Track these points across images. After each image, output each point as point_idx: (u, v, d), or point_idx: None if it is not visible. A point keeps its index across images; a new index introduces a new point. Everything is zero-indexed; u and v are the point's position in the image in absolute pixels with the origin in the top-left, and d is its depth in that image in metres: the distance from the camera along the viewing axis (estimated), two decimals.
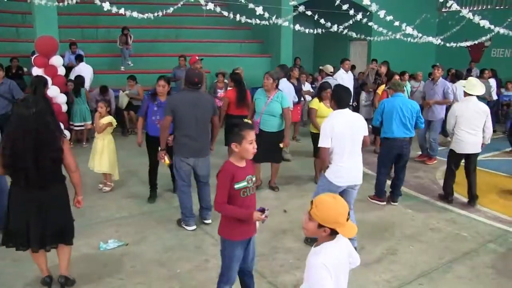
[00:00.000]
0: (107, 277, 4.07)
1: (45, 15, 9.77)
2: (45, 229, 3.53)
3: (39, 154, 3.37)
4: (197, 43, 13.60)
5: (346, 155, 4.33)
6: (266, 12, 8.44)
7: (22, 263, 4.14)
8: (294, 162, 8.03)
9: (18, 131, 3.36)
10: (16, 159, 3.35)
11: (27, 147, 3.33)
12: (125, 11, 7.36)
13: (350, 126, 4.33)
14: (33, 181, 3.40)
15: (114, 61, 12.51)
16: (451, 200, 6.12)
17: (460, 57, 14.30)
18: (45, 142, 3.40)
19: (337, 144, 4.30)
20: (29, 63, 9.66)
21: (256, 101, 6.19)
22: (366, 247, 4.73)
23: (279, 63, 12.27)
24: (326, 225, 2.22)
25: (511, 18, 10.96)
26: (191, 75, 5.05)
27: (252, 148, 3.12)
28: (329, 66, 8.68)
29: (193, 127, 4.86)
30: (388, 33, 10.36)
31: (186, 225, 5.13)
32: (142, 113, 5.87)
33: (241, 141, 3.09)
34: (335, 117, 4.39)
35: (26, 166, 3.35)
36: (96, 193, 6.17)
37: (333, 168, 4.38)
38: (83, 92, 8.89)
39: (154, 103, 5.74)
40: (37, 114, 3.37)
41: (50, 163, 3.45)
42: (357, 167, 4.45)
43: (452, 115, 5.97)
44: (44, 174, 3.43)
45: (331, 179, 4.39)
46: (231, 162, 3.18)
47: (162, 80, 5.78)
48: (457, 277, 4.19)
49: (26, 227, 3.50)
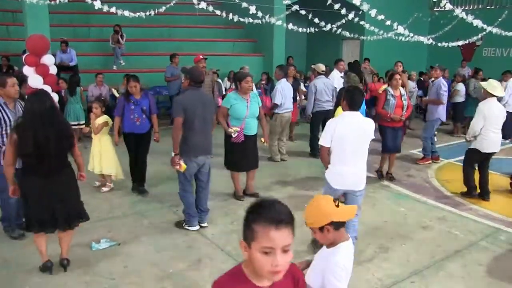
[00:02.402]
0: (99, 277, 4.05)
1: (36, 14, 9.69)
2: (68, 209, 3.92)
3: (60, 142, 3.73)
4: (189, 42, 13.56)
5: (347, 159, 4.14)
6: (259, 11, 8.44)
7: (9, 264, 4.12)
8: (289, 162, 8.03)
9: (37, 123, 3.62)
10: (40, 148, 3.61)
11: (50, 136, 3.64)
12: (117, 10, 7.33)
13: (355, 129, 4.12)
14: (54, 168, 3.74)
15: (107, 60, 12.45)
16: (475, 194, 6.28)
17: (452, 56, 14.39)
18: (63, 130, 3.80)
19: (337, 146, 4.13)
20: (20, 62, 9.58)
21: (235, 106, 5.70)
22: (358, 245, 4.72)
23: (272, 62, 12.28)
24: (323, 224, 2.22)
25: (502, 17, 11.07)
26: (198, 73, 5.01)
27: (272, 266, 1.56)
28: (321, 64, 8.70)
29: (202, 125, 4.89)
30: (380, 32, 10.41)
31: (190, 226, 5.07)
32: (119, 112, 6.04)
33: (250, 242, 1.61)
34: (342, 118, 4.22)
35: (50, 153, 3.66)
36: (89, 193, 6.11)
37: (333, 170, 4.24)
38: (78, 91, 8.85)
39: (130, 102, 5.96)
40: (52, 107, 3.74)
41: (66, 151, 3.88)
42: (358, 173, 4.22)
43: (481, 116, 6.03)
44: (61, 159, 3.83)
45: (329, 180, 4.27)
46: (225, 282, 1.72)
47: (132, 81, 6.00)
48: (449, 275, 4.22)
49: (52, 213, 3.80)
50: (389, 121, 6.80)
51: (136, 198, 6.05)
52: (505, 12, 12.05)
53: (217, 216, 5.50)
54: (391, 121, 6.79)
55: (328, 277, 2.22)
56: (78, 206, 4.06)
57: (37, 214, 3.78)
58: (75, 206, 4.01)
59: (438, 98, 7.93)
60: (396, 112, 6.77)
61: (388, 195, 6.38)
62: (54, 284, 3.90)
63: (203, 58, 8.42)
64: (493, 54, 14.88)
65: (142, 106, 5.98)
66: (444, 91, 7.97)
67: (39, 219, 3.78)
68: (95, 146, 6.21)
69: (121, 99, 6.14)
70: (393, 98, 6.74)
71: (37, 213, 3.78)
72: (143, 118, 6.00)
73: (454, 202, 6.17)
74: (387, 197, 6.29)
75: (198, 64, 8.34)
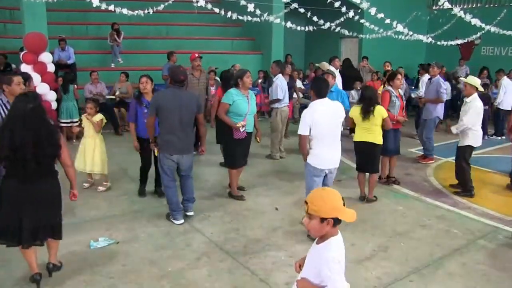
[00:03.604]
0: (97, 276, 4.03)
1: (34, 11, 9.63)
2: (39, 222, 3.60)
3: (38, 148, 3.46)
4: (188, 40, 13.53)
5: (325, 141, 4.67)
6: (258, 9, 8.41)
7: (9, 263, 4.10)
8: (285, 160, 8.03)
9: (16, 123, 3.44)
10: (16, 151, 3.42)
11: (26, 140, 3.41)
12: (115, 8, 7.29)
13: (329, 114, 4.65)
14: (30, 174, 3.49)
15: (104, 58, 12.40)
16: (473, 192, 6.32)
17: (451, 55, 14.38)
18: (42, 137, 3.50)
19: (317, 131, 4.62)
20: (17, 60, 9.54)
21: (237, 102, 5.71)
22: (357, 243, 4.74)
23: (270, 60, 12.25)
24: (327, 216, 2.22)
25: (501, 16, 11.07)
26: (177, 72, 4.98)
27: None
28: (326, 63, 8.69)
29: (177, 125, 4.87)
30: (379, 30, 10.39)
31: (174, 219, 5.17)
32: (132, 118, 5.79)
33: None
34: (315, 106, 4.65)
35: (25, 158, 3.43)
36: (87, 191, 6.11)
37: (314, 153, 4.71)
38: (72, 89, 8.81)
39: (142, 106, 5.69)
40: (34, 110, 3.49)
41: (48, 158, 3.57)
42: (336, 152, 4.80)
43: (475, 112, 6.12)
44: (41, 168, 3.54)
45: (314, 164, 4.72)
46: None
47: (144, 76, 5.77)
48: (448, 274, 4.22)
49: (19, 222, 3.53)
50: (394, 123, 6.38)
51: (134, 197, 6.03)
52: (503, 10, 12.04)
53: (215, 214, 5.49)
54: (397, 123, 6.51)
55: (326, 273, 2.24)
56: (52, 220, 3.72)
57: (4, 221, 3.53)
58: (48, 220, 3.67)
59: (437, 96, 7.94)
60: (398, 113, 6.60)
61: (386, 194, 6.37)
62: (52, 283, 3.88)
63: (199, 57, 8.40)
64: (491, 53, 14.89)
65: None
66: (444, 89, 7.99)
67: (5, 226, 3.53)
68: (89, 144, 6.07)
69: (133, 103, 5.86)
70: (397, 99, 6.56)
71: (5, 219, 3.53)
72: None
73: (453, 200, 6.17)
74: (385, 196, 6.28)
75: (194, 63, 8.33)
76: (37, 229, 3.61)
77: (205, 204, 5.74)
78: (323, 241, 2.31)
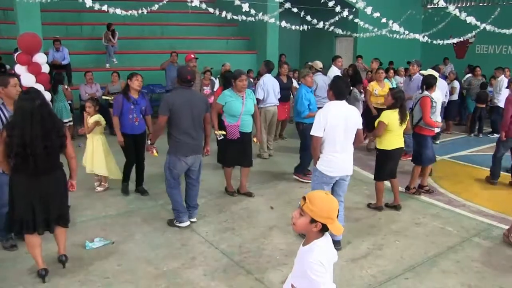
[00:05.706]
0: (93, 276, 4.03)
1: (28, 11, 9.58)
2: (49, 213, 3.82)
3: (48, 141, 3.64)
4: (182, 40, 13.51)
5: (338, 146, 4.35)
6: (252, 9, 8.42)
7: (15, 259, 4.09)
8: (280, 159, 8.04)
9: (26, 121, 3.56)
10: (26, 147, 3.56)
11: (36, 135, 3.56)
12: (109, 8, 7.27)
13: (344, 118, 4.32)
14: (41, 167, 3.66)
15: (99, 59, 12.37)
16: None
17: (445, 53, 14.45)
18: (51, 129, 3.69)
19: (330, 135, 4.32)
20: (11, 61, 9.50)
21: (230, 103, 5.74)
22: (352, 242, 4.75)
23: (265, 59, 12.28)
24: (319, 220, 2.21)
25: (495, 14, 11.11)
26: (184, 72, 4.95)
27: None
28: (319, 62, 8.70)
29: (191, 125, 4.85)
30: (374, 29, 10.42)
31: (181, 222, 5.06)
32: (118, 112, 5.82)
33: None
34: (331, 107, 4.37)
35: (36, 152, 3.58)
36: (83, 191, 6.08)
37: (325, 159, 4.40)
38: (61, 90, 8.80)
39: (129, 101, 5.77)
40: (42, 105, 3.66)
41: (57, 149, 3.77)
42: (349, 159, 4.48)
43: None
44: (51, 160, 3.73)
45: (323, 170, 4.41)
46: None
47: (138, 75, 5.85)
48: (443, 271, 4.24)
49: (32, 215, 3.73)
50: (432, 129, 6.21)
51: (130, 197, 6.02)
52: (497, 9, 12.09)
53: (210, 214, 5.49)
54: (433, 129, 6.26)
55: (309, 276, 2.24)
56: (61, 210, 3.94)
57: (19, 214, 3.72)
58: (57, 210, 3.89)
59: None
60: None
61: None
62: (47, 283, 3.87)
63: (194, 58, 8.40)
64: (486, 51, 14.97)
65: (141, 106, 5.89)
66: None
67: (20, 219, 3.72)
68: (88, 145, 6.15)
69: (120, 98, 5.88)
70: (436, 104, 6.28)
71: (19, 212, 3.72)
72: (140, 118, 5.93)
73: (448, 198, 6.19)
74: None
75: (189, 63, 8.33)
76: (48, 220, 3.83)
77: (201, 204, 5.74)
78: (308, 244, 2.32)
